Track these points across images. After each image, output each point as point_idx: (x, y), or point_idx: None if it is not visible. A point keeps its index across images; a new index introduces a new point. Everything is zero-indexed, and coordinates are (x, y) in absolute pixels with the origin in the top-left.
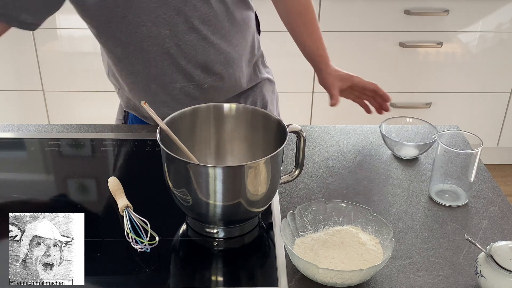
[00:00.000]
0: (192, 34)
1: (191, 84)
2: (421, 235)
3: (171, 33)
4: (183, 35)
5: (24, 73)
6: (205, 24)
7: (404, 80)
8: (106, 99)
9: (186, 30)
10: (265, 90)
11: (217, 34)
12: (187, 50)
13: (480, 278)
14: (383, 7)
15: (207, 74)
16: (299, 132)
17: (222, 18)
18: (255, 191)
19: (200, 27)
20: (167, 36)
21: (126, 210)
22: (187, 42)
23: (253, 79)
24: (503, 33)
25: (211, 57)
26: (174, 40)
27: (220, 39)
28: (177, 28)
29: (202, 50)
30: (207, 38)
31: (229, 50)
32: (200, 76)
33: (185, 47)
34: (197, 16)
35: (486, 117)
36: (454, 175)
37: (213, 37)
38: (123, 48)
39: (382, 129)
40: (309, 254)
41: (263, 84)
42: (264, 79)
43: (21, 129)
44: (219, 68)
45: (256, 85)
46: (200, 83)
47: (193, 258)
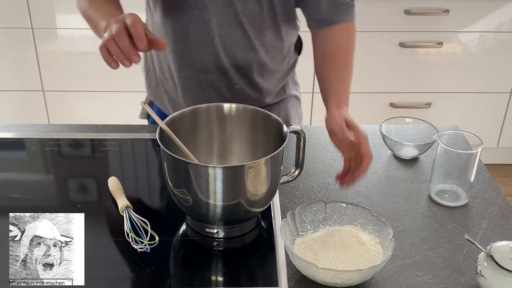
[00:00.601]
0: (237, 29)
1: (223, 79)
2: (421, 235)
3: (218, 22)
4: (228, 27)
5: (24, 73)
6: (251, 24)
7: (404, 80)
8: (106, 99)
9: (233, 23)
10: (289, 106)
11: (259, 39)
12: (228, 43)
13: (480, 278)
14: (383, 7)
15: (240, 75)
16: (299, 132)
17: (268, 25)
18: (255, 191)
19: (246, 26)
20: (214, 24)
21: (126, 210)
22: (230, 36)
23: (279, 95)
24: (503, 33)
25: (249, 60)
26: (219, 30)
27: (261, 45)
28: (225, 19)
29: (243, 49)
30: (249, 39)
31: (266, 61)
32: (234, 74)
33: (228, 40)
34: (246, 14)
35: (486, 117)
36: (454, 175)
37: (255, 41)
38: (172, 24)
39: (382, 129)
40: (309, 254)
41: (288, 100)
42: (291, 96)
43: (21, 129)
44: (252, 73)
45: (282, 101)
46: (232, 82)
47: (193, 258)
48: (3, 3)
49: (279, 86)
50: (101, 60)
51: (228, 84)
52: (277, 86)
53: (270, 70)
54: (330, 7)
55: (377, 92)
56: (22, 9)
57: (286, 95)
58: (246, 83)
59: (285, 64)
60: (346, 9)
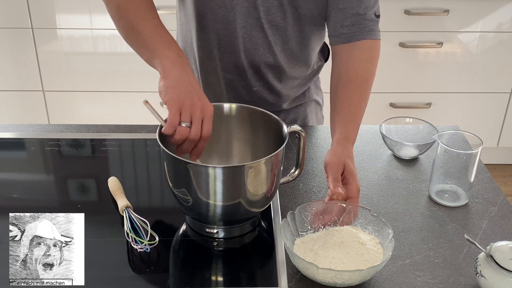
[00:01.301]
0: (259, 32)
1: (241, 80)
2: (421, 235)
3: (242, 24)
4: (251, 29)
5: (24, 73)
6: (272, 29)
7: (404, 80)
8: (106, 99)
9: (256, 26)
10: (309, 110)
11: (280, 45)
12: (249, 45)
13: (480, 278)
14: (383, 7)
15: (259, 77)
16: (299, 132)
17: (292, 34)
18: (255, 191)
19: (267, 31)
20: (238, 25)
21: (126, 210)
22: (252, 38)
23: (297, 100)
24: (503, 33)
25: (268, 63)
26: (242, 31)
27: (281, 51)
28: (248, 21)
29: (262, 53)
30: (270, 44)
31: (285, 67)
32: (252, 76)
33: (249, 42)
34: (268, 19)
35: (486, 117)
36: (454, 175)
37: (276, 47)
38: (199, 20)
39: (382, 129)
40: (309, 254)
41: (308, 104)
42: (311, 100)
43: (21, 129)
44: (271, 77)
45: (301, 104)
46: (250, 83)
47: (193, 258)
48: (3, 3)
49: (299, 92)
50: (101, 60)
51: (246, 86)
52: (297, 92)
53: (290, 76)
54: (355, 21)
55: (377, 92)
56: (22, 9)
57: (306, 99)
58: (263, 86)
59: (307, 74)
60: (370, 25)
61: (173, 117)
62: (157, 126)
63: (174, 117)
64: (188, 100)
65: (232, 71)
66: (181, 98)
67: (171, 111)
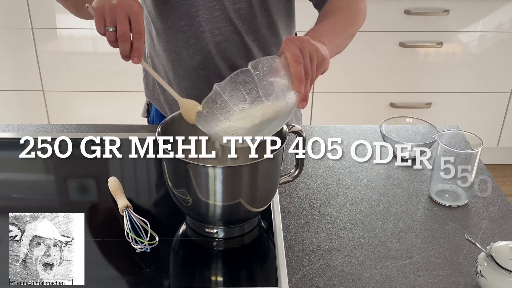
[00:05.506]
0: (227, 24)
1: (216, 76)
2: (421, 235)
3: (208, 18)
4: (218, 22)
5: (24, 73)
6: (240, 19)
7: (404, 80)
8: (106, 99)
9: (222, 18)
10: None
11: (251, 35)
12: (219, 39)
13: (480, 278)
14: (383, 7)
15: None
16: (299, 132)
17: (260, 21)
18: (255, 191)
19: (235, 21)
20: (203, 20)
21: (126, 210)
22: (221, 31)
23: None
24: (503, 33)
25: (241, 56)
26: (209, 25)
27: (254, 41)
28: (214, 14)
29: (234, 45)
30: (240, 35)
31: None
32: (227, 71)
33: (218, 36)
34: (234, 8)
35: (486, 117)
36: (454, 175)
37: (247, 37)
38: (162, 21)
39: (382, 129)
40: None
41: None
42: None
43: (21, 129)
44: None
45: None
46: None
47: (193, 258)
48: (3, 3)
49: None
50: (101, 60)
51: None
52: None
53: None
54: None
55: (377, 92)
56: (22, 9)
57: None
58: None
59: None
60: None
61: (96, 25)
62: (157, 126)
63: (98, 25)
64: (107, 4)
65: (206, 68)
66: (100, 5)
67: (95, 20)
